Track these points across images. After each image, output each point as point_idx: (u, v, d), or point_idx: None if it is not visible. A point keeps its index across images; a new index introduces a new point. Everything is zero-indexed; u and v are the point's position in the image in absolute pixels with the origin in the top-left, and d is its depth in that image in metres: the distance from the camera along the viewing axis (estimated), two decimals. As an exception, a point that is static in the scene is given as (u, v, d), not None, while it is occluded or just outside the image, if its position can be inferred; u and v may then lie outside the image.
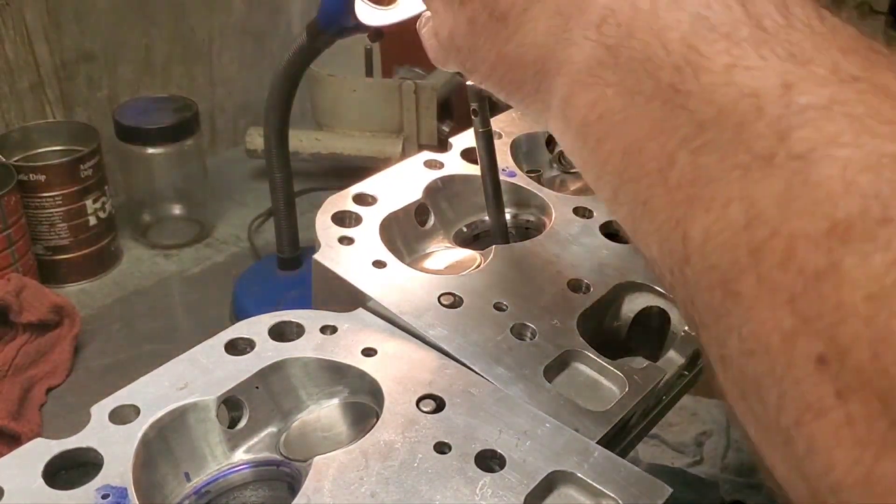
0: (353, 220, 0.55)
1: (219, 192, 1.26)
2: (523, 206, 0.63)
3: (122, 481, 0.37)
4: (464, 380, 0.44)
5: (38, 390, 0.89)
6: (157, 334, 1.00)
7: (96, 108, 1.19)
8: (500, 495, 0.37)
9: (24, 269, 0.98)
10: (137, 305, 1.06)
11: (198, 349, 0.45)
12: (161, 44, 1.24)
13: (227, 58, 1.34)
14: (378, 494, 0.37)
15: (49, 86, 1.12)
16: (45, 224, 1.02)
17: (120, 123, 1.09)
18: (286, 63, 0.84)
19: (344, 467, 0.39)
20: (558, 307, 0.50)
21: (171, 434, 0.41)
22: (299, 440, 0.44)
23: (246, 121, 1.38)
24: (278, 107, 0.87)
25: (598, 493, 0.38)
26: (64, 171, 1.01)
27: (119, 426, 0.40)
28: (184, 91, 1.26)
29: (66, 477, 0.38)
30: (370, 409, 0.44)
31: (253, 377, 0.43)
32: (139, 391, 0.42)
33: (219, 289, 1.07)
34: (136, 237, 1.17)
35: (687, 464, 0.90)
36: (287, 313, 0.47)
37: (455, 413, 0.42)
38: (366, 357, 0.45)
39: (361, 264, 0.51)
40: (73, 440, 0.39)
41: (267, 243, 1.15)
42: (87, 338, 0.97)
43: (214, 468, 0.42)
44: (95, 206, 1.05)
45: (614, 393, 0.46)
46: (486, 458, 0.40)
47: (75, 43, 1.13)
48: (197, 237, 1.18)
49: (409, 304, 0.49)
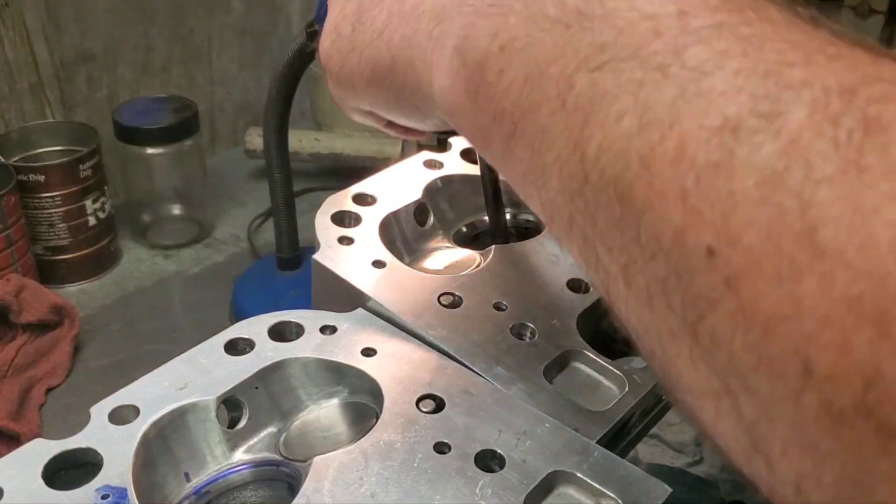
0: (353, 220, 0.55)
1: (218, 192, 1.26)
2: (523, 206, 0.63)
3: (121, 481, 0.37)
4: (463, 380, 0.44)
5: (37, 390, 0.89)
6: (157, 334, 1.00)
7: (96, 108, 1.19)
8: (499, 495, 0.37)
9: (23, 269, 0.98)
10: (137, 306, 1.06)
11: (197, 349, 0.45)
12: (160, 44, 1.24)
13: (226, 58, 1.34)
14: (378, 494, 0.37)
15: (48, 86, 1.12)
16: (44, 224, 1.02)
17: (119, 124, 1.09)
18: (285, 63, 0.84)
19: (343, 467, 0.39)
20: (558, 307, 0.50)
21: (171, 434, 0.41)
22: (299, 440, 0.43)
23: (245, 121, 1.38)
24: (278, 107, 0.87)
25: (598, 493, 0.38)
26: (63, 171, 1.01)
27: (119, 426, 0.40)
28: (183, 91, 1.26)
29: (66, 477, 0.38)
30: (370, 409, 0.44)
31: (253, 377, 0.43)
32: (139, 391, 0.42)
33: (218, 289, 1.07)
34: (136, 237, 1.17)
35: (687, 464, 0.90)
36: (287, 313, 0.47)
37: (455, 413, 0.42)
38: (365, 357, 0.45)
39: (361, 264, 0.51)
40: (72, 440, 0.39)
41: (266, 243, 1.15)
42: (87, 338, 0.97)
43: (214, 468, 0.42)
44: (95, 206, 1.05)
45: (614, 393, 0.46)
46: (486, 458, 0.40)
47: (75, 43, 1.13)
48: (196, 237, 1.18)
49: (408, 304, 0.49)
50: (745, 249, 0.22)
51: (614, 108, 0.26)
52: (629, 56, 0.26)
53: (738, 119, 0.23)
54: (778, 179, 0.21)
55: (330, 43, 0.39)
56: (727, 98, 0.23)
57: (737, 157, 0.22)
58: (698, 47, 0.25)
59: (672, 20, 0.26)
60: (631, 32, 0.26)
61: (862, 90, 0.22)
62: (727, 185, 0.22)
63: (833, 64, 0.23)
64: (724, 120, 0.23)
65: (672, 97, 0.24)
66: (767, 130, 0.22)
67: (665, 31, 0.26)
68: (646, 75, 0.25)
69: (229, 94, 1.37)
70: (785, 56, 0.23)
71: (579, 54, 0.27)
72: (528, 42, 0.29)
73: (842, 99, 0.22)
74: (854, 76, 0.22)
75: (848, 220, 0.20)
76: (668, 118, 0.24)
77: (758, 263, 0.21)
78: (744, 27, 0.25)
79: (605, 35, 0.27)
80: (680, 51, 0.25)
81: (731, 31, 0.25)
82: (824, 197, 0.20)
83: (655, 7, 0.26)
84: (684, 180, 0.23)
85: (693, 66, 0.24)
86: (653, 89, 0.25)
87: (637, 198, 0.25)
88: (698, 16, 0.26)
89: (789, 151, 0.22)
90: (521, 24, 0.29)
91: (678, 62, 0.25)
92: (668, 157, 0.24)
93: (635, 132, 0.25)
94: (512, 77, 0.30)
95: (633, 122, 0.25)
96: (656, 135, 0.24)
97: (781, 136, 0.22)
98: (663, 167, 0.24)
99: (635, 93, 0.25)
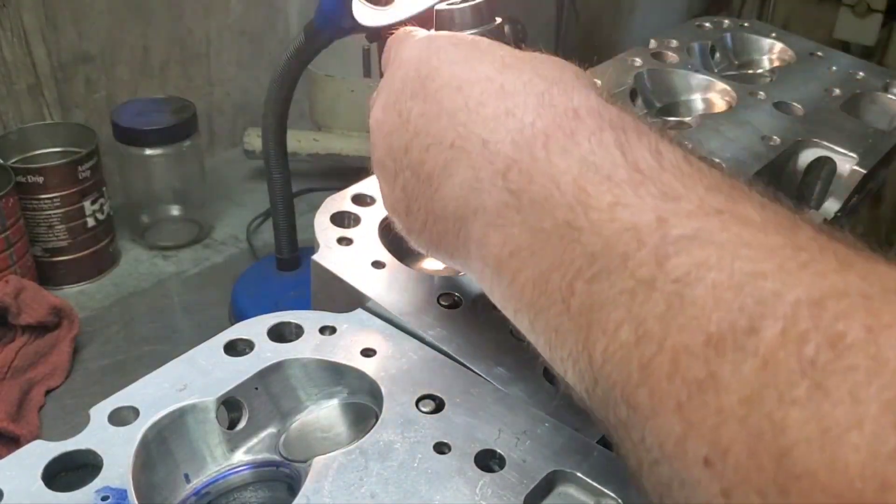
0: (352, 220, 0.55)
1: (217, 192, 1.26)
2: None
3: (121, 483, 0.37)
4: (463, 380, 0.44)
5: (36, 392, 0.89)
6: (156, 335, 1.00)
7: (94, 109, 1.19)
8: (500, 495, 0.37)
9: (22, 270, 0.97)
10: (136, 307, 1.05)
11: (197, 350, 0.44)
12: (159, 45, 1.24)
13: (224, 58, 1.34)
14: (378, 495, 0.37)
15: (47, 87, 1.12)
16: (43, 226, 1.02)
17: (118, 125, 1.09)
18: (284, 64, 0.84)
19: (343, 468, 0.39)
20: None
21: (171, 435, 0.40)
22: (299, 441, 0.43)
23: (244, 121, 1.38)
24: (276, 107, 0.87)
25: (599, 493, 0.38)
26: (62, 172, 1.00)
27: (118, 428, 0.40)
28: (181, 92, 1.26)
29: (66, 479, 0.38)
30: (369, 409, 0.44)
31: (252, 378, 0.43)
32: (138, 392, 0.42)
33: (217, 290, 1.07)
34: (135, 238, 1.17)
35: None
36: (286, 314, 0.47)
37: (454, 413, 0.42)
38: (365, 357, 0.45)
39: (360, 265, 0.51)
40: (72, 442, 0.39)
41: (265, 244, 1.15)
42: (86, 339, 0.97)
43: (214, 469, 0.42)
44: (94, 207, 1.05)
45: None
46: (486, 457, 0.40)
47: (73, 44, 1.13)
48: (195, 238, 1.18)
49: (408, 304, 0.49)
50: (734, 464, 0.24)
51: (612, 316, 0.28)
52: (618, 267, 0.29)
53: (719, 335, 0.25)
54: (757, 398, 0.23)
55: (396, 217, 0.43)
56: (708, 314, 0.25)
57: (721, 375, 0.24)
58: (679, 258, 0.27)
59: (652, 230, 0.28)
60: (616, 243, 0.29)
61: (829, 304, 0.23)
62: (715, 401, 0.24)
63: (803, 273, 0.25)
64: (708, 337, 0.25)
65: (661, 311, 0.27)
66: (746, 349, 0.24)
67: (647, 241, 0.28)
68: (636, 286, 0.28)
69: (228, 94, 1.37)
70: (758, 266, 0.25)
71: (574, 264, 0.30)
72: (531, 251, 0.33)
73: (811, 313, 0.23)
74: (823, 287, 0.24)
75: (818, 444, 0.22)
76: (660, 332, 0.27)
77: (746, 478, 0.23)
78: (719, 233, 0.27)
79: (594, 245, 0.30)
80: (662, 261, 0.27)
81: (708, 239, 0.27)
82: (795, 419, 0.22)
83: (635, 217, 0.29)
84: (679, 395, 0.25)
85: (676, 278, 0.27)
86: (644, 301, 0.27)
87: (641, 404, 0.27)
88: (676, 224, 0.28)
89: (765, 371, 0.23)
90: (523, 235, 0.33)
91: (662, 273, 0.27)
92: (664, 370, 0.26)
93: (633, 343, 0.27)
94: (523, 282, 0.33)
95: (631, 334, 0.28)
96: (652, 348, 0.27)
97: (759, 354, 0.24)
98: (661, 380, 0.26)
99: (628, 304, 0.28)
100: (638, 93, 0.77)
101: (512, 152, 0.34)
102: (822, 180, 0.69)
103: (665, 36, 0.84)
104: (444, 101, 0.38)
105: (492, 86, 0.37)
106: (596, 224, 0.30)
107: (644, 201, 0.29)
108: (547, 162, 0.33)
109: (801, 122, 0.71)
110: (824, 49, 0.87)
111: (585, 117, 0.34)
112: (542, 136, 0.34)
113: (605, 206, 0.30)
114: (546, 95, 0.35)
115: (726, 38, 0.88)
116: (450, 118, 0.37)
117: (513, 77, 0.37)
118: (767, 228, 0.27)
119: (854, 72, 0.82)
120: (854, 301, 0.23)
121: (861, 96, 0.78)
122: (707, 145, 0.66)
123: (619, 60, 0.79)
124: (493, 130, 0.35)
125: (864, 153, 0.67)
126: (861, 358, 0.22)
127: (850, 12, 1.34)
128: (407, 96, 0.40)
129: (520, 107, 0.35)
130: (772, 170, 0.66)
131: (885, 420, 0.21)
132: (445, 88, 0.38)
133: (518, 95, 0.36)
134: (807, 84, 0.79)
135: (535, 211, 0.33)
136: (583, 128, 0.33)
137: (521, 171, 0.34)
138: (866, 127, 0.72)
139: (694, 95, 0.78)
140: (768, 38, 0.89)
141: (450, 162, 0.37)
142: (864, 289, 0.24)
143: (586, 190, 0.31)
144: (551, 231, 0.32)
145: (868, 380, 0.21)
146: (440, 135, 0.38)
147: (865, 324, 0.22)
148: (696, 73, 0.79)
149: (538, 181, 0.33)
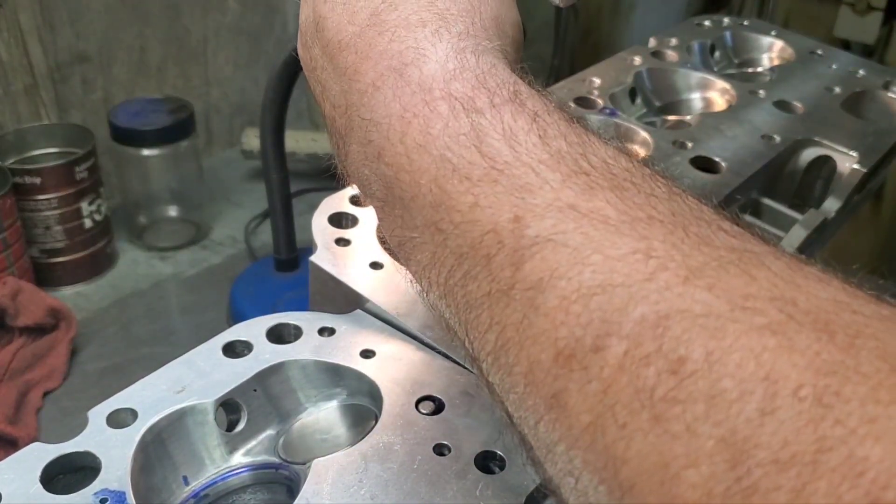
0: (350, 221, 0.55)
1: (215, 193, 1.26)
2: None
3: (120, 485, 0.37)
4: (463, 381, 0.44)
5: (34, 394, 0.88)
6: (154, 337, 1.00)
7: (91, 109, 1.18)
8: (500, 496, 0.37)
9: (19, 272, 0.97)
10: (134, 308, 1.05)
11: (195, 352, 0.44)
12: (156, 45, 1.24)
13: (222, 58, 1.34)
14: (377, 497, 0.37)
15: (43, 88, 1.11)
16: (40, 227, 1.02)
17: (115, 125, 1.09)
18: (282, 63, 0.84)
19: (343, 470, 0.38)
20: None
21: (169, 437, 0.40)
22: (298, 443, 0.43)
23: (242, 121, 1.38)
24: (274, 107, 0.87)
25: (600, 494, 0.38)
26: (59, 173, 1.00)
27: (116, 430, 0.39)
28: (179, 92, 1.26)
29: (64, 481, 0.38)
30: (369, 411, 0.44)
31: (251, 380, 0.43)
32: (136, 394, 0.41)
33: (215, 291, 1.06)
34: (132, 239, 1.17)
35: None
36: (284, 315, 0.47)
37: (454, 414, 0.42)
38: (364, 359, 0.45)
39: (358, 266, 0.51)
40: (70, 444, 0.38)
41: (263, 245, 1.15)
42: (84, 341, 0.97)
43: (213, 471, 0.42)
44: (91, 208, 1.05)
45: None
46: (486, 459, 0.39)
47: (69, 44, 1.13)
48: (193, 239, 1.18)
49: (407, 305, 0.49)
50: (583, 490, 0.24)
51: (482, 318, 0.28)
52: (482, 270, 0.28)
53: (568, 352, 0.24)
54: (602, 424, 0.23)
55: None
56: (557, 327, 0.25)
57: (569, 395, 0.24)
58: (534, 262, 0.26)
59: (509, 230, 0.27)
60: (479, 245, 0.28)
61: (673, 324, 0.23)
62: (566, 421, 0.24)
63: (650, 285, 0.24)
64: (557, 352, 0.25)
65: (518, 319, 0.26)
66: (590, 369, 0.24)
67: (505, 242, 0.27)
68: (497, 291, 0.27)
69: (225, 94, 1.37)
70: (606, 277, 0.24)
71: (447, 263, 0.30)
72: (413, 246, 0.32)
73: (654, 334, 0.23)
74: (669, 302, 0.23)
75: (658, 480, 0.21)
76: (518, 341, 0.26)
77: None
78: (573, 234, 0.26)
79: (462, 247, 0.29)
80: (519, 265, 0.27)
81: (562, 242, 0.26)
82: (636, 451, 0.22)
83: (494, 217, 0.28)
84: (538, 410, 0.26)
85: (530, 286, 0.26)
86: (504, 307, 0.27)
87: (514, 415, 0.27)
88: (531, 223, 0.27)
89: (607, 396, 0.23)
90: (404, 230, 0.32)
91: (519, 279, 0.26)
92: (522, 382, 0.26)
93: (499, 348, 0.27)
94: (415, 268, 0.32)
95: (494, 340, 0.27)
96: (511, 357, 0.26)
97: (601, 377, 0.23)
98: (522, 392, 0.26)
99: (492, 309, 0.27)
100: (638, 92, 0.77)
101: (378, 138, 0.32)
102: (822, 179, 0.69)
103: (665, 34, 0.84)
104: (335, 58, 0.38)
105: None
106: (459, 227, 0.29)
107: (500, 199, 0.28)
108: (405, 156, 0.31)
109: (801, 121, 0.71)
110: (824, 47, 0.87)
111: (439, 101, 0.31)
112: (399, 124, 0.31)
113: (466, 207, 0.29)
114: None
115: (726, 37, 0.88)
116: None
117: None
118: (622, 229, 0.26)
119: (854, 70, 0.82)
120: (696, 321, 0.22)
121: (861, 95, 0.78)
122: (707, 144, 0.65)
123: (619, 59, 0.79)
124: (372, 109, 0.33)
125: (864, 152, 0.67)
126: (700, 386, 0.21)
127: (851, 10, 1.34)
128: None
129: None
130: (772, 169, 0.66)
131: (720, 458, 0.20)
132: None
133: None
134: (807, 82, 0.78)
135: (405, 207, 0.31)
136: (435, 117, 0.30)
137: (389, 162, 0.32)
138: (866, 125, 0.72)
139: (694, 94, 0.78)
140: (768, 36, 0.89)
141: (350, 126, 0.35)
142: (710, 304, 0.23)
143: (446, 190, 0.29)
144: (423, 229, 0.31)
145: (706, 412, 0.21)
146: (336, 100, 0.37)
147: (707, 348, 0.22)
148: (695, 72, 0.78)
149: (403, 178, 0.31)
